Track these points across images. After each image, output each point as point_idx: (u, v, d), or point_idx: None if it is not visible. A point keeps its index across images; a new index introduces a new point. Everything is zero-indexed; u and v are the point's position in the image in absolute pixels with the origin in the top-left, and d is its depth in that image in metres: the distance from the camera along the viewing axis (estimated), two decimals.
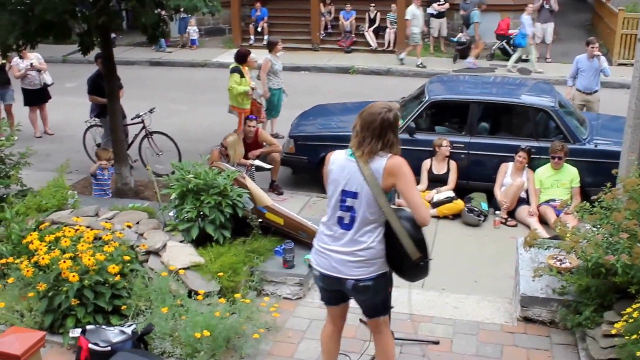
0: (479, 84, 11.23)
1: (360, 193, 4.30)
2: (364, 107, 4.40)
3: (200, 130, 12.84)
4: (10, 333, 3.53)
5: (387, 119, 4.25)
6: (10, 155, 7.89)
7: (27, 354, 3.34)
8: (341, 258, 4.40)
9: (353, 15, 20.37)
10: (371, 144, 4.25)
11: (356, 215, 4.34)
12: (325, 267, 4.48)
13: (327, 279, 4.52)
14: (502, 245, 8.26)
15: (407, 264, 4.35)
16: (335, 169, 4.42)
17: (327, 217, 4.50)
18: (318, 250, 4.55)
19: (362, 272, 4.39)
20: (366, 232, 4.35)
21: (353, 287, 4.43)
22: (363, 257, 4.37)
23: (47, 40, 8.75)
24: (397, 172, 4.26)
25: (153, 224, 6.88)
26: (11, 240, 6.49)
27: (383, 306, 4.68)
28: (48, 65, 13.64)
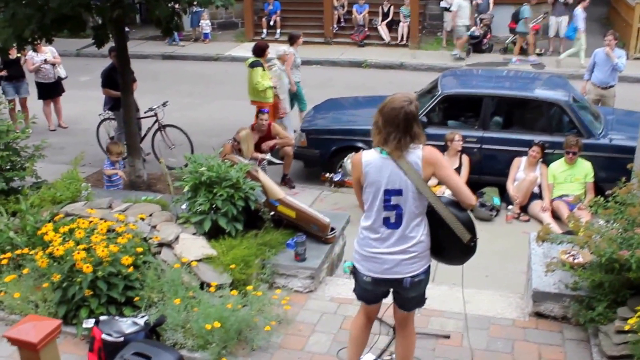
0: (492, 78, 11.18)
1: (404, 189, 4.28)
2: (382, 102, 4.35)
3: (213, 124, 12.87)
4: (27, 321, 3.56)
5: (410, 112, 4.22)
6: (25, 148, 7.94)
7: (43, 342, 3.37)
8: (394, 258, 4.39)
9: (366, 9, 20.31)
10: (398, 139, 4.22)
11: (403, 212, 4.33)
12: (379, 271, 4.45)
13: (381, 282, 4.51)
14: (514, 240, 8.23)
15: (457, 248, 4.39)
16: (373, 170, 4.35)
17: (371, 220, 4.43)
18: (366, 256, 4.49)
19: (416, 268, 4.42)
20: (414, 226, 4.36)
21: (410, 284, 4.44)
22: (416, 253, 4.38)
23: (62, 33, 8.81)
24: (435, 161, 4.29)
25: (166, 217, 6.92)
26: (26, 231, 6.55)
27: (423, 298, 4.72)
28: (62, 58, 13.71)
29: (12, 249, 6.34)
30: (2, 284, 6.05)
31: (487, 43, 18.95)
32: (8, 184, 7.60)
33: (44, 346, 3.39)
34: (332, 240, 6.76)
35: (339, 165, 10.19)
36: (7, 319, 6.00)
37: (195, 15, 20.43)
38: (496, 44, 19.23)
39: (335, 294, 6.34)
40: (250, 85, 11.55)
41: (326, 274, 6.67)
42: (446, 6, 19.31)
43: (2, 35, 8.28)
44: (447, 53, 19.04)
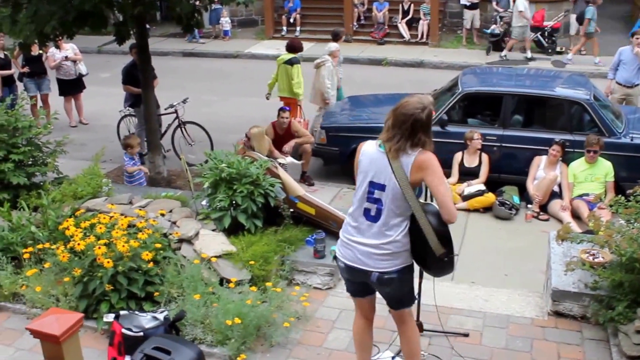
0: (513, 76, 11.11)
1: (387, 185, 4.29)
2: (399, 102, 4.35)
3: (233, 121, 12.91)
4: (50, 314, 3.61)
5: (419, 120, 4.21)
6: (47, 144, 8.03)
7: (65, 334, 3.41)
8: (366, 250, 4.40)
9: (386, 7, 20.27)
10: (399, 142, 4.23)
11: (383, 208, 4.33)
12: (351, 258, 4.48)
13: (352, 270, 4.53)
14: (533, 239, 8.20)
15: (431, 259, 4.33)
16: (365, 160, 4.42)
17: (354, 208, 4.48)
18: (343, 241, 4.55)
19: (387, 265, 4.39)
20: (392, 225, 4.34)
21: (378, 280, 4.43)
22: (389, 251, 4.36)
23: (84, 30, 8.87)
24: (426, 167, 4.23)
25: (186, 213, 6.96)
26: (47, 226, 6.63)
27: (408, 298, 4.68)
28: (83, 55, 13.81)
29: (33, 243, 6.42)
30: (23, 278, 6.12)
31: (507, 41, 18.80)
32: (30, 179, 7.71)
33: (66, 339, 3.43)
34: None
35: None
36: (29, 312, 6.07)
37: (215, 12, 20.50)
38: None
39: None
40: (285, 82, 11.62)
41: None
42: (466, 3, 19.22)
43: (24, 31, 8.35)
44: (467, 51, 18.97)
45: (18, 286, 6.12)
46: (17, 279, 6.16)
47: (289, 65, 11.51)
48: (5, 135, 7.54)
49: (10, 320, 6.08)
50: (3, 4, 8.30)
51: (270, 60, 18.83)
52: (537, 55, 18.17)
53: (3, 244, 6.45)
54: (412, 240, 4.38)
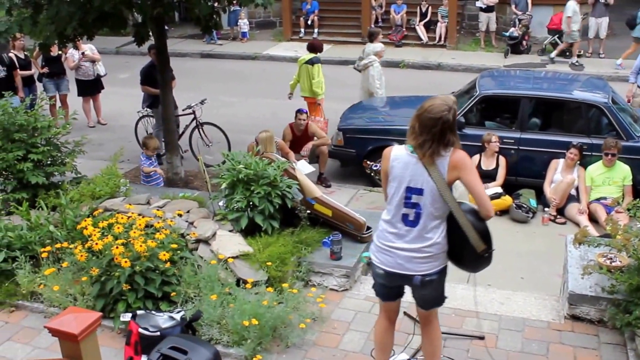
0: (530, 79, 11.07)
1: (425, 189, 4.29)
2: (421, 106, 4.33)
3: (250, 122, 12.92)
4: (68, 313, 3.63)
5: (447, 122, 4.22)
6: (66, 143, 8.08)
7: (84, 333, 3.43)
8: (407, 255, 4.40)
9: (404, 9, 20.24)
10: (432, 147, 4.23)
11: (422, 212, 4.34)
12: (391, 264, 4.47)
13: (391, 276, 4.52)
14: (550, 243, 8.16)
15: (470, 256, 4.36)
16: (398, 165, 4.39)
17: (391, 214, 4.46)
18: (381, 248, 4.52)
19: (428, 267, 4.41)
20: (432, 228, 4.36)
21: (420, 282, 4.44)
22: (430, 253, 4.38)
23: (103, 31, 8.94)
24: (461, 166, 4.27)
25: (203, 213, 6.98)
26: (66, 225, 6.67)
27: (440, 298, 4.71)
28: (102, 56, 13.90)
29: (51, 242, 6.46)
30: (41, 277, 6.16)
31: (525, 44, 18.74)
32: (48, 178, 7.76)
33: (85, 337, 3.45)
34: (368, 239, 6.76)
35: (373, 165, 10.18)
36: (46, 311, 6.13)
37: (233, 14, 20.55)
38: (534, 44, 19.00)
39: (370, 293, 6.24)
40: (307, 82, 11.77)
41: (361, 273, 6.68)
42: (482, 6, 19.15)
43: (44, 32, 8.44)
44: (485, 54, 18.90)
45: (36, 285, 6.17)
46: (35, 278, 6.21)
47: (310, 65, 11.68)
48: (24, 135, 7.60)
49: (28, 318, 6.13)
50: (24, 5, 8.36)
51: (288, 62, 18.96)
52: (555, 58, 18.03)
53: (21, 243, 6.50)
54: (451, 239, 4.40)
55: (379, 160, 9.63)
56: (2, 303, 6.25)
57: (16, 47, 12.31)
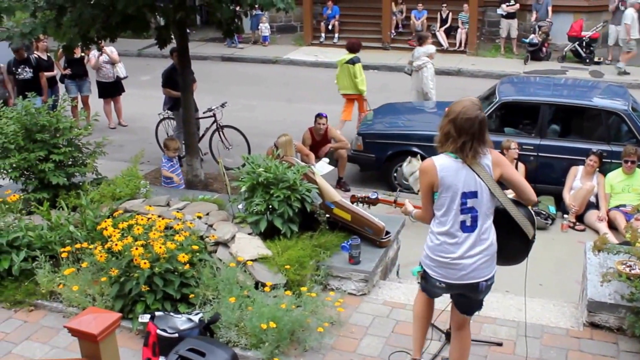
0: (550, 85, 11.04)
1: (479, 191, 4.33)
2: (451, 111, 4.33)
3: (270, 126, 12.94)
4: (88, 313, 3.64)
5: (482, 119, 4.27)
6: (87, 145, 8.13)
7: (103, 333, 3.44)
8: (471, 263, 4.40)
9: (425, 15, 20.23)
10: (474, 147, 4.26)
11: (478, 214, 4.37)
12: (455, 277, 4.46)
13: (455, 287, 4.53)
14: (569, 250, 8.12)
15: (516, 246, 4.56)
16: (449, 174, 4.35)
17: (448, 225, 4.42)
18: (442, 262, 4.47)
19: (489, 271, 4.48)
20: (486, 228, 4.42)
21: (486, 288, 4.51)
22: (489, 256, 4.44)
23: (126, 33, 9.00)
24: (502, 162, 4.46)
25: (222, 216, 6.99)
26: (86, 226, 6.70)
27: (482, 303, 4.77)
28: (123, 58, 13.99)
29: (71, 242, 6.49)
30: (61, 277, 6.19)
31: (546, 51, 18.65)
32: (69, 179, 7.80)
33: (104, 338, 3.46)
34: (386, 244, 6.75)
35: (394, 169, 10.17)
36: (65, 310, 6.15)
37: (255, 18, 20.62)
38: (554, 51, 18.91)
39: (388, 298, 6.32)
40: (348, 80, 12.40)
41: (380, 278, 6.66)
42: (503, 13, 19.09)
43: (68, 34, 8.51)
44: (504, 60, 18.83)
45: (55, 285, 6.19)
46: (54, 278, 6.24)
47: (351, 65, 12.30)
48: (46, 136, 7.64)
49: (47, 318, 6.16)
50: (48, 7, 8.43)
51: (309, 66, 19.09)
52: (575, 65, 17.97)
53: (42, 243, 6.54)
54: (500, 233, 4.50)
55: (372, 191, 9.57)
56: (21, 302, 6.28)
57: (39, 48, 12.43)
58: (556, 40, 18.91)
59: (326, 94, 15.62)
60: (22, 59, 11.79)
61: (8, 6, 8.22)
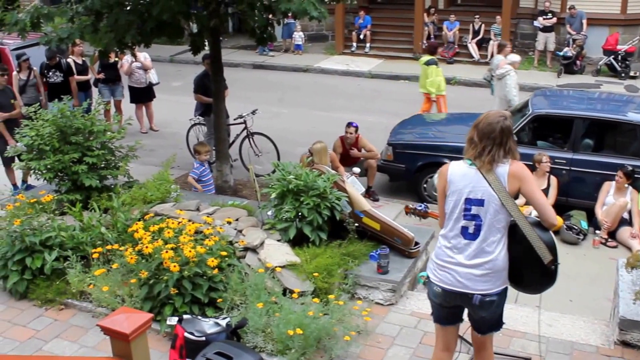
0: (584, 99, 10.95)
1: (486, 200, 4.26)
2: (478, 119, 4.37)
3: (300, 134, 12.99)
4: (121, 312, 3.70)
5: (506, 127, 4.24)
6: (120, 148, 8.22)
7: (135, 333, 3.49)
8: (467, 272, 4.34)
9: (457, 26, 20.16)
10: (492, 153, 4.23)
11: (482, 224, 4.29)
12: (450, 282, 4.41)
13: (450, 295, 4.45)
14: (600, 266, 8.02)
15: (534, 272, 4.31)
16: (456, 178, 4.36)
17: (448, 229, 4.42)
18: (439, 265, 4.47)
19: (489, 287, 4.34)
20: (493, 242, 4.30)
21: (480, 302, 4.35)
22: (490, 270, 4.31)
23: (160, 39, 9.10)
24: (522, 176, 4.26)
25: (252, 222, 7.03)
26: (117, 228, 6.80)
27: (498, 322, 4.63)
28: (156, 64, 14.12)
29: (102, 244, 6.59)
30: (91, 277, 6.28)
31: (580, 64, 18.48)
32: (102, 181, 7.89)
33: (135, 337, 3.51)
34: (415, 254, 6.73)
35: (424, 180, 10.15)
36: (95, 310, 6.24)
37: (287, 27, 20.70)
38: (589, 65, 18.72)
39: (416, 309, 6.30)
40: (424, 79, 13.27)
41: (408, 288, 6.63)
42: (539, 26, 18.97)
43: (104, 39, 8.62)
44: (537, 73, 18.69)
45: (85, 285, 6.28)
46: (85, 278, 6.33)
47: (426, 66, 13.11)
48: (80, 138, 7.75)
49: (76, 317, 6.25)
50: (86, 13, 8.56)
51: (340, 75, 19.09)
52: (609, 79, 17.79)
53: (73, 243, 6.64)
54: (514, 253, 4.34)
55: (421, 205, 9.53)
56: (52, 301, 6.39)
57: (75, 52, 12.60)
58: (591, 53, 18.71)
59: (357, 103, 15.68)
60: (53, 64, 11.96)
61: (48, 12, 8.37)
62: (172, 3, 8.00)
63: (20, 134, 7.76)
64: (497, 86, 12.72)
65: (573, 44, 18.42)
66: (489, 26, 19.72)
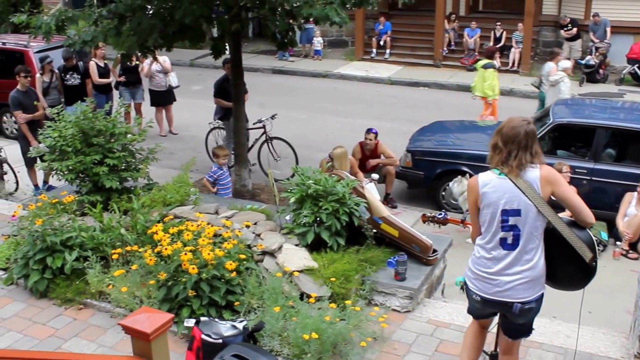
0: (607, 108, 10.85)
1: (523, 209, 4.26)
2: (500, 125, 4.38)
3: (319, 139, 13.02)
4: (142, 312, 3.74)
5: (531, 131, 4.25)
6: (140, 150, 8.28)
7: (155, 333, 3.53)
8: (508, 281, 4.36)
9: (478, 33, 20.10)
10: (519, 157, 4.22)
11: (521, 233, 4.30)
12: (490, 292, 4.44)
13: (489, 303, 4.50)
14: (621, 278, 7.94)
15: (575, 270, 4.36)
16: (490, 190, 4.35)
17: (486, 240, 4.43)
18: (479, 275, 4.49)
19: (529, 294, 4.36)
20: (531, 249, 4.32)
21: (520, 311, 4.39)
22: (529, 278, 4.33)
23: (181, 43, 9.18)
24: (554, 179, 4.28)
25: (270, 226, 7.05)
26: (136, 229, 6.85)
27: (530, 327, 4.66)
28: (176, 68, 14.21)
29: (122, 245, 6.65)
30: (110, 278, 6.33)
31: (602, 73, 18.35)
32: (122, 183, 7.95)
33: (156, 337, 3.54)
34: (433, 262, 6.72)
35: (442, 187, 10.13)
36: (113, 311, 6.29)
37: (306, 32, 20.74)
38: (612, 74, 18.59)
39: (432, 316, 6.29)
40: (481, 83, 13.47)
41: (425, 296, 6.63)
42: (566, 36, 18.87)
43: (127, 42, 8.71)
44: None
45: (105, 285, 6.34)
46: (104, 278, 6.38)
47: (484, 69, 13.37)
48: (102, 140, 7.82)
49: (95, 317, 6.30)
50: (109, 16, 8.65)
51: (359, 81, 19.07)
52: (633, 88, 17.65)
53: (93, 244, 6.71)
54: (553, 256, 4.37)
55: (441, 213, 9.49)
56: (71, 300, 6.45)
57: (97, 55, 12.71)
58: (614, 62, 18.59)
59: (376, 110, 15.68)
60: (71, 66, 12.08)
61: (72, 15, 8.47)
62: (195, 7, 8.07)
63: (43, 135, 7.85)
64: (549, 92, 12.93)
65: (596, 52, 18.31)
66: (510, 33, 19.65)
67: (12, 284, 6.86)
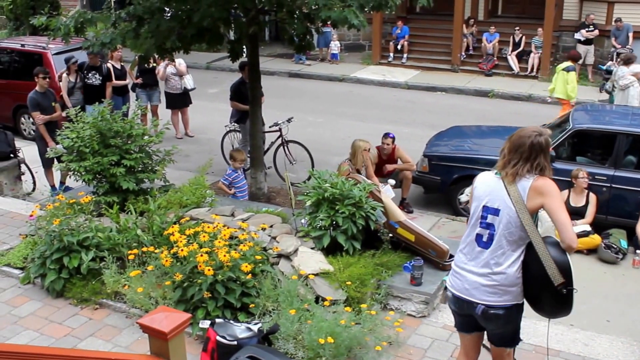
0: (628, 114, 10.72)
1: (502, 210, 4.25)
2: (513, 131, 4.39)
3: (335, 143, 13.01)
4: (160, 311, 3.75)
5: (537, 143, 4.21)
6: (157, 152, 8.31)
7: (173, 332, 3.54)
8: (474, 280, 4.35)
9: (496, 38, 20.00)
10: (517, 166, 4.22)
11: (495, 233, 4.28)
12: (458, 288, 4.45)
13: (458, 301, 4.48)
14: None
15: (547, 292, 4.18)
16: (481, 186, 4.44)
17: (466, 233, 4.48)
18: (454, 270, 4.54)
19: (494, 299, 4.31)
20: (503, 253, 4.27)
21: (482, 313, 4.35)
22: (496, 282, 4.29)
23: (198, 46, 9.21)
24: (545, 191, 4.19)
25: (286, 229, 7.05)
26: (152, 230, 6.88)
27: (511, 338, 4.58)
28: (192, 70, 14.25)
29: (138, 246, 6.68)
30: (126, 278, 6.35)
31: None
32: (138, 184, 7.98)
33: (174, 336, 3.55)
34: (449, 267, 6.59)
35: (459, 193, 10.08)
36: (129, 311, 6.32)
37: (324, 36, 20.75)
38: None
39: (448, 322, 6.23)
40: (562, 85, 13.62)
41: (441, 301, 6.59)
42: (580, 38, 18.76)
43: (145, 45, 8.75)
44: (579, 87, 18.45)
45: (120, 285, 6.37)
46: (120, 279, 6.41)
47: (565, 72, 13.47)
48: (119, 141, 7.85)
49: (111, 317, 6.33)
50: (128, 19, 8.69)
51: (376, 85, 19.03)
52: None
53: (110, 244, 6.74)
54: (527, 274, 4.27)
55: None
56: (87, 300, 6.48)
57: (114, 57, 12.78)
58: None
59: (393, 114, 15.65)
60: (94, 66, 12.14)
61: (91, 17, 8.52)
62: (213, 10, 8.09)
63: (60, 135, 7.90)
64: (618, 96, 13.13)
65: (617, 58, 18.14)
66: (529, 38, 19.52)
67: (29, 283, 6.91)
